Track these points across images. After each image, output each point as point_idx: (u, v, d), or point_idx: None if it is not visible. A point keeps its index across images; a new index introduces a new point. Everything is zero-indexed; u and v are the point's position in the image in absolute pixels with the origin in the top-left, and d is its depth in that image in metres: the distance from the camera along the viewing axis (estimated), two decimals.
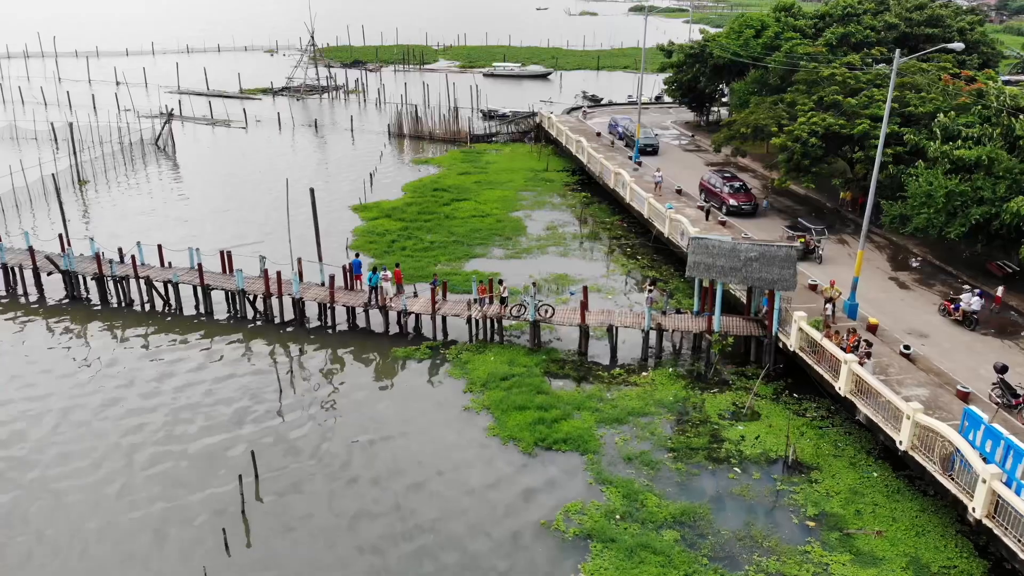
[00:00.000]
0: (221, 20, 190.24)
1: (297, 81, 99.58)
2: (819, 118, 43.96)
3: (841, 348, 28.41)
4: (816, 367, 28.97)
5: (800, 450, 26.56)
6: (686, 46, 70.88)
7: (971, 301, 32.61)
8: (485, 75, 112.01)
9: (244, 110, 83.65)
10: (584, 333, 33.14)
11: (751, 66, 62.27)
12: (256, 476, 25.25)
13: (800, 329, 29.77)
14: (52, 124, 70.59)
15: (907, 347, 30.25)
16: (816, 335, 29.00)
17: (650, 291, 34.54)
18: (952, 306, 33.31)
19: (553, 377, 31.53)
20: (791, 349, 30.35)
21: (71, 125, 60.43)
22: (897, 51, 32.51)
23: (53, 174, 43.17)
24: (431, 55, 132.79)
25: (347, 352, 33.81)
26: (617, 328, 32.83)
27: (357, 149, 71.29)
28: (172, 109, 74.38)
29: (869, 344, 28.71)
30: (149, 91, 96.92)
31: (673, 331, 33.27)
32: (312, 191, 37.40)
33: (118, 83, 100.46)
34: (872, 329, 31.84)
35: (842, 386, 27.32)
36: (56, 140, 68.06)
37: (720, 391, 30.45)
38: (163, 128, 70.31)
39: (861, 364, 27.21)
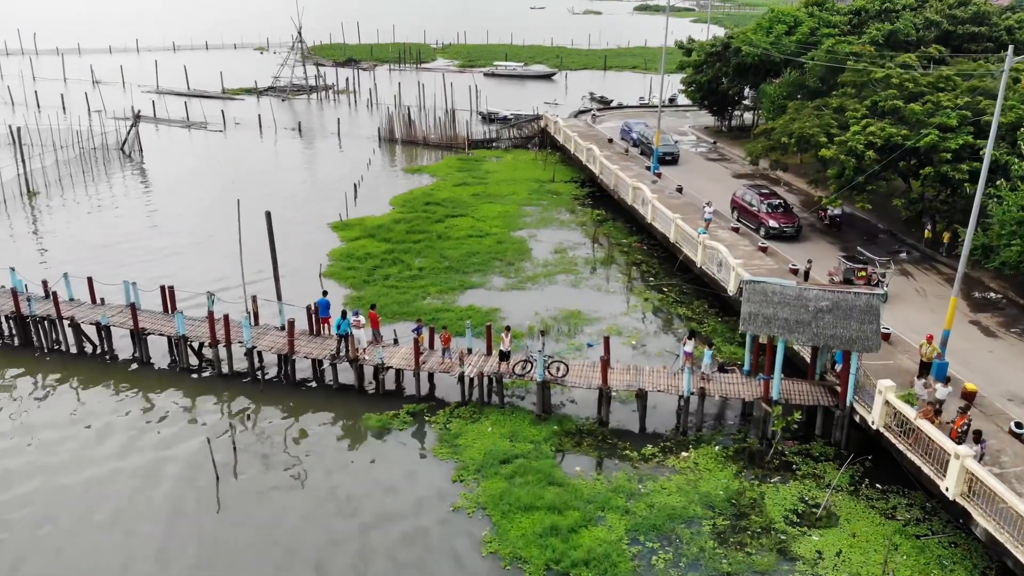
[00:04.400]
0: (223, 18, 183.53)
1: (284, 81, 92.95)
2: (877, 127, 37.28)
3: (938, 427, 21.86)
4: (910, 455, 22.31)
5: (898, 574, 19.94)
6: (707, 44, 64.29)
7: (832, 211, 41.00)
8: (486, 75, 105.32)
9: (222, 112, 77.04)
10: (605, 397, 26.50)
11: (782, 66, 55.73)
12: None
13: (887, 403, 23.13)
14: (10, 127, 63.87)
15: (1019, 425, 23.59)
16: (910, 413, 22.36)
17: (709, 349, 27.57)
18: (824, 213, 41.47)
19: (567, 455, 24.90)
20: (873, 427, 23.71)
21: (19, 129, 53.81)
22: (1011, 48, 25.73)
23: None
24: (429, 54, 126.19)
25: (308, 417, 27.11)
26: (647, 393, 26.17)
27: (344, 155, 64.65)
28: (139, 111, 67.65)
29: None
30: (127, 90, 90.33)
31: (718, 397, 26.57)
32: (268, 215, 30.64)
33: (95, 82, 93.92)
34: (969, 397, 25.17)
35: (950, 487, 20.66)
36: (16, 143, 61.32)
37: (782, 479, 23.79)
38: (129, 131, 63.66)
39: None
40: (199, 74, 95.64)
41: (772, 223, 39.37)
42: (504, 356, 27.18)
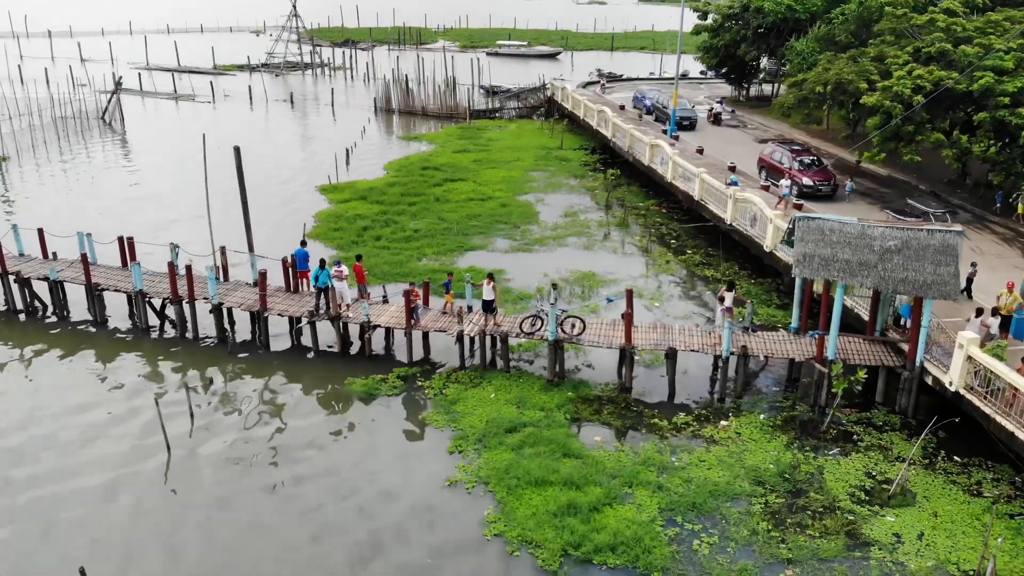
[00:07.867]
0: (227, 2, 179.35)
1: (278, 57, 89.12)
2: (924, 71, 33.48)
3: None
4: (1000, 419, 18.47)
5: (999, 560, 16.12)
6: (723, 6, 60.34)
7: (716, 107, 53.51)
8: (488, 54, 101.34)
9: (211, 84, 73.29)
10: (628, 358, 22.68)
11: (808, 24, 51.86)
12: None
13: (969, 358, 19.28)
14: None
15: None
16: (1001, 369, 18.52)
17: (742, 304, 23.74)
18: (713, 113, 52.72)
19: (584, 424, 21.11)
20: (951, 389, 19.86)
21: None
22: None
23: None
24: (430, 36, 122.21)
25: (282, 382, 23.30)
26: (678, 353, 22.34)
27: (338, 125, 60.87)
28: (121, 77, 63.89)
29: None
30: (115, 67, 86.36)
31: (763, 357, 22.76)
32: (237, 150, 26.66)
33: (83, 60, 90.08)
34: None
35: None
36: None
37: (842, 451, 19.97)
38: (110, 100, 59.90)
39: None
40: (192, 53, 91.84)
41: (806, 180, 35.53)
42: (487, 307, 23.38)
